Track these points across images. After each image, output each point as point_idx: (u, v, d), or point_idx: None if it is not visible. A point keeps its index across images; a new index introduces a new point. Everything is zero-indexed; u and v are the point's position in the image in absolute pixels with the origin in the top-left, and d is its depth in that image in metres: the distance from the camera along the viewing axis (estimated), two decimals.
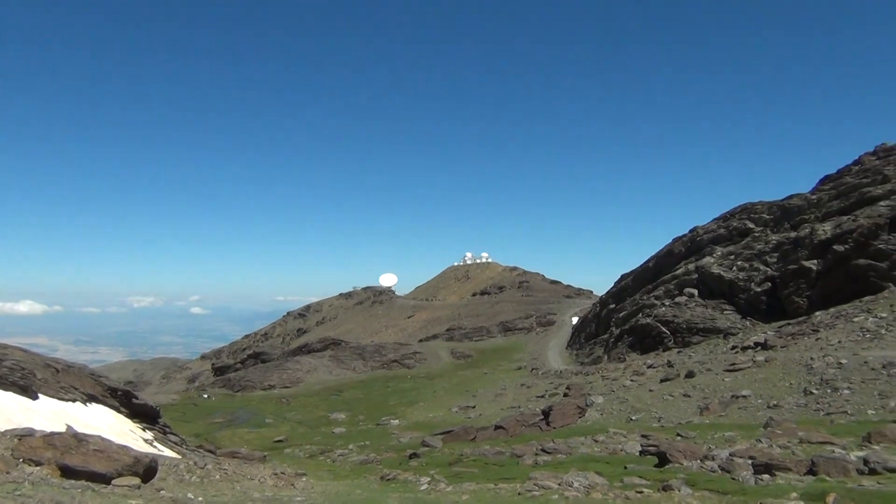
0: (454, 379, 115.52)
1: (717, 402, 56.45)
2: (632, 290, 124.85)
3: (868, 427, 38.29)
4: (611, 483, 26.84)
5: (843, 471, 25.76)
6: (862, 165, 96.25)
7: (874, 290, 74.90)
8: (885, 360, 53.03)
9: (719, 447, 36.80)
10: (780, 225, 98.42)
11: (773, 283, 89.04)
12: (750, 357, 67.53)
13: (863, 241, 76.72)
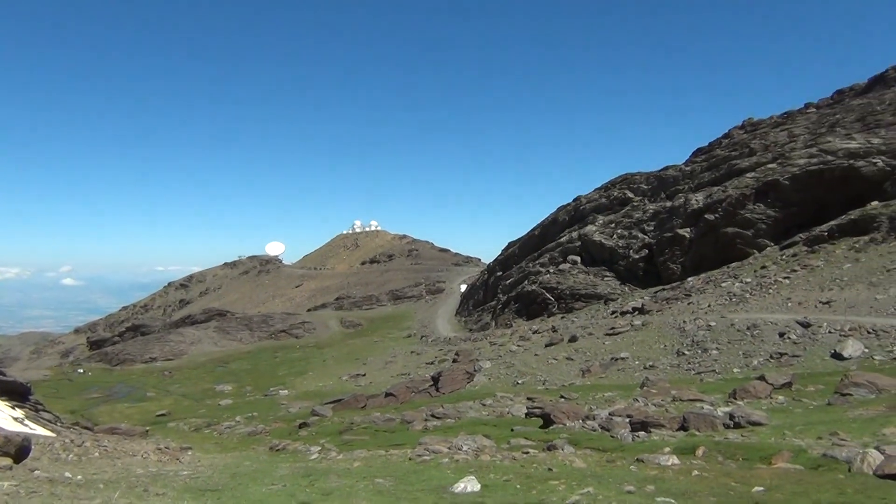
0: (344, 348, 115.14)
1: (598, 365, 59.04)
2: (518, 258, 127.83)
3: (734, 384, 41.10)
4: (498, 445, 27.61)
5: (711, 425, 27.58)
6: (731, 139, 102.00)
7: (741, 257, 79.96)
8: (750, 322, 56.92)
9: (600, 407, 38.55)
10: (657, 195, 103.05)
11: (650, 251, 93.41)
12: (628, 321, 70.84)
13: (731, 211, 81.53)
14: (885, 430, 23.80)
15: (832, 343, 49.07)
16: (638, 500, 13.31)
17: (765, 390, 37.44)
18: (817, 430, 25.25)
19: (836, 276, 62.10)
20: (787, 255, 73.56)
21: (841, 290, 59.21)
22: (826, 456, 19.04)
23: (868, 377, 35.91)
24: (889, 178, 71.37)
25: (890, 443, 20.54)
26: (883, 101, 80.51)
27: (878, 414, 28.22)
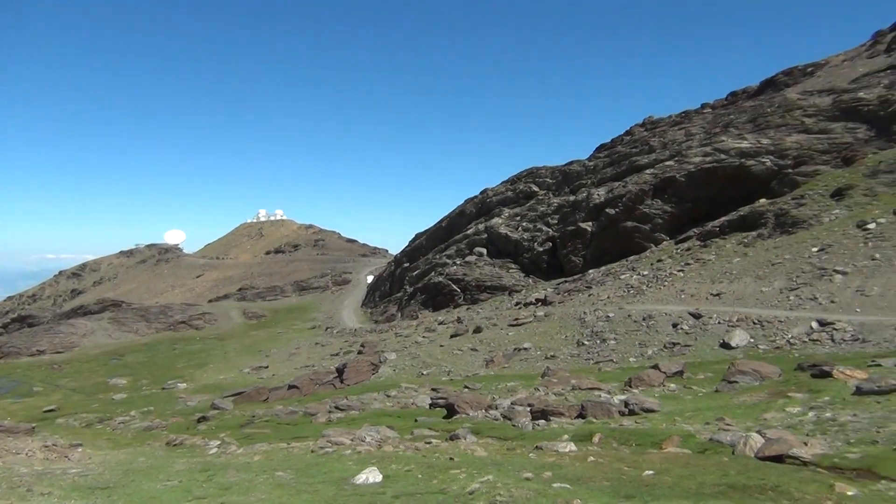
0: (246, 339, 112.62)
1: (502, 355, 59.98)
2: (425, 249, 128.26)
3: (630, 373, 42.57)
4: (402, 436, 27.64)
5: (607, 413, 28.47)
6: (632, 136, 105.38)
7: (639, 250, 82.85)
8: (646, 313, 59.07)
9: (502, 397, 39.18)
10: (561, 189, 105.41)
11: (553, 243, 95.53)
12: (531, 312, 72.26)
13: (631, 206, 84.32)
14: (767, 415, 25.16)
15: (721, 333, 51.51)
16: (535, 486, 13.55)
17: (658, 378, 38.95)
18: (705, 415, 26.45)
19: (726, 270, 65.15)
20: (682, 249, 76.66)
21: (730, 283, 62.15)
22: (712, 440, 19.95)
23: (753, 365, 37.88)
24: (776, 177, 75.38)
25: (770, 427, 21.72)
26: (773, 103, 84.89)
27: (761, 400, 29.81)
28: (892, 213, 59.99)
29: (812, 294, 54.75)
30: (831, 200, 67.95)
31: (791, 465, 15.84)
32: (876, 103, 74.19)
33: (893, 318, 46.62)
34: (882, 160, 68.95)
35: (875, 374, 31.22)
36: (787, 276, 59.00)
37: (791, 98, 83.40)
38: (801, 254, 61.45)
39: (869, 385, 26.72)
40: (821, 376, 33.00)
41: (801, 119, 78.46)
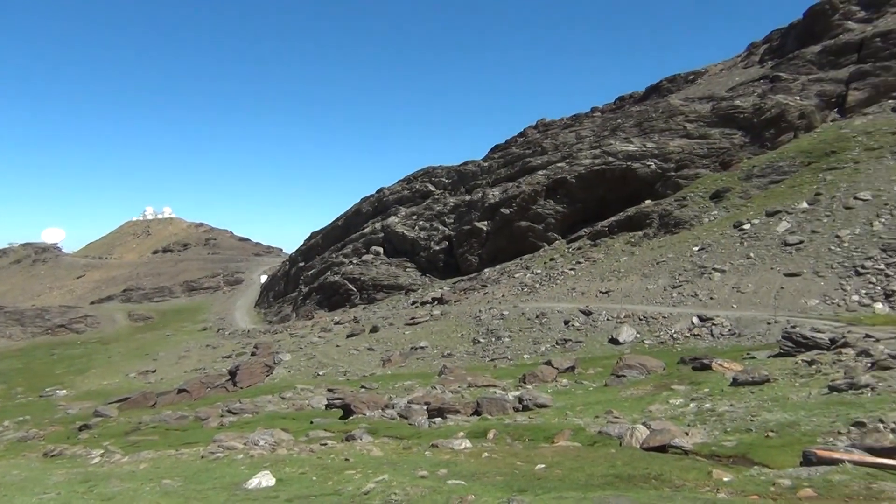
0: (132, 343, 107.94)
1: (399, 354, 60.07)
2: (321, 249, 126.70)
3: (524, 369, 43.58)
4: (296, 438, 27.21)
5: (502, 409, 29.00)
6: (526, 137, 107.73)
7: (532, 249, 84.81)
8: (539, 311, 60.58)
9: (399, 396, 39.22)
10: (457, 188, 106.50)
11: (450, 242, 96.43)
12: (428, 311, 72.73)
13: (524, 206, 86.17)
14: (652, 407, 26.30)
15: (610, 329, 53.50)
16: (430, 483, 13.66)
17: (551, 374, 40.04)
18: (595, 409, 27.38)
19: (615, 268, 67.66)
20: (573, 248, 79.01)
21: (618, 281, 64.59)
22: (601, 433, 20.68)
23: (639, 359, 39.52)
24: (660, 179, 78.88)
25: (655, 418, 22.72)
26: (657, 108, 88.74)
27: (647, 393, 31.14)
28: (765, 215, 63.94)
29: (693, 291, 57.63)
30: (710, 202, 71.74)
31: (674, 455, 16.61)
32: (750, 111, 78.86)
33: (766, 313, 49.72)
34: (755, 164, 73.39)
35: (749, 366, 33.19)
36: (671, 274, 61.88)
37: (674, 104, 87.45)
38: (683, 253, 64.59)
39: (744, 377, 28.38)
40: (701, 369, 34.80)
41: (684, 124, 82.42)
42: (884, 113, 71.49)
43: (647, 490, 12.32)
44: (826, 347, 33.04)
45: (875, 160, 63.40)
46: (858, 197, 59.55)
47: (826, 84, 79.36)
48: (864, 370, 25.16)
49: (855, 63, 79.66)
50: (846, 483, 11.23)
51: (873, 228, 55.10)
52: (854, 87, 76.06)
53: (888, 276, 49.95)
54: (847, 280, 51.61)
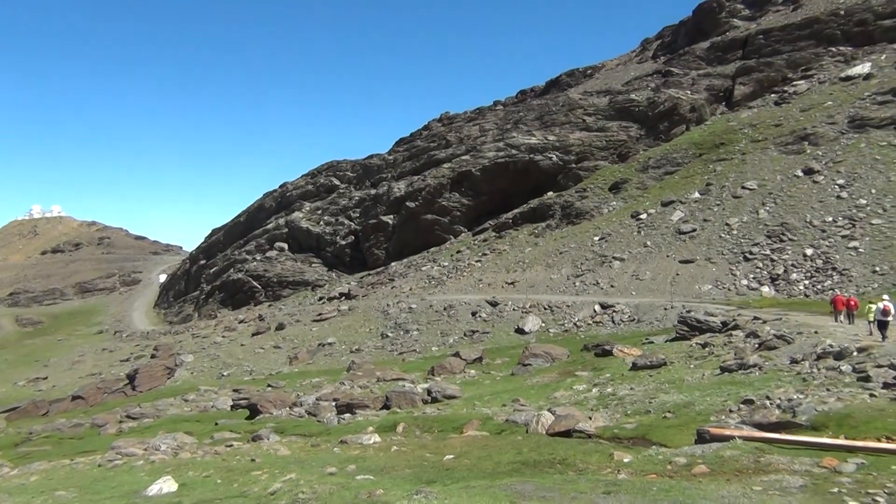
0: (21, 349, 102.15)
1: (306, 351, 59.28)
2: (223, 246, 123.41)
3: (432, 362, 43.85)
4: (200, 441, 26.48)
5: (411, 402, 29.11)
6: (430, 131, 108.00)
7: (439, 242, 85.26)
8: (446, 303, 61.02)
9: (307, 393, 38.75)
10: (362, 182, 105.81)
11: (356, 237, 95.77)
12: (335, 307, 72.06)
13: (430, 199, 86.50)
14: (557, 394, 27.00)
15: (516, 319, 54.49)
16: (339, 480, 13.55)
17: (459, 366, 40.49)
18: (502, 398, 27.88)
19: (520, 259, 68.89)
20: (479, 240, 79.93)
21: (523, 272, 65.81)
22: (508, 421, 21.05)
23: (544, 348, 40.48)
24: (562, 171, 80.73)
25: (560, 404, 23.33)
26: (557, 102, 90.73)
27: (552, 380, 31.96)
28: (661, 205, 66.51)
29: (595, 279, 59.39)
30: (609, 193, 74.03)
31: (578, 439, 17.08)
32: (645, 104, 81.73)
33: (662, 299, 51.79)
34: (651, 156, 76.18)
35: (648, 350, 34.54)
36: (573, 264, 63.54)
37: (573, 98, 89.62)
38: (584, 243, 66.41)
39: (643, 361, 29.53)
40: (603, 355, 36.01)
41: (583, 117, 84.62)
42: (767, 106, 75.47)
43: (552, 475, 12.61)
44: (718, 330, 34.74)
45: (760, 151, 66.90)
46: (745, 186, 62.74)
47: (714, 79, 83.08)
48: (753, 351, 26.60)
49: (740, 59, 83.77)
50: (737, 458, 11.83)
51: (759, 216, 58.19)
52: (740, 81, 79.95)
53: (773, 262, 52.90)
54: (736, 266, 54.35)
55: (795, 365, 21.99)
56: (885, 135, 60.89)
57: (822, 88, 72.85)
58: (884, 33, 75.14)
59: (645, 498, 9.49)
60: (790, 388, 18.56)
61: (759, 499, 9.32)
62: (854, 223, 52.81)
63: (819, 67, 76.38)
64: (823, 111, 68.05)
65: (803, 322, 32.57)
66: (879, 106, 64.42)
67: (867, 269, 47.99)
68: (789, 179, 61.22)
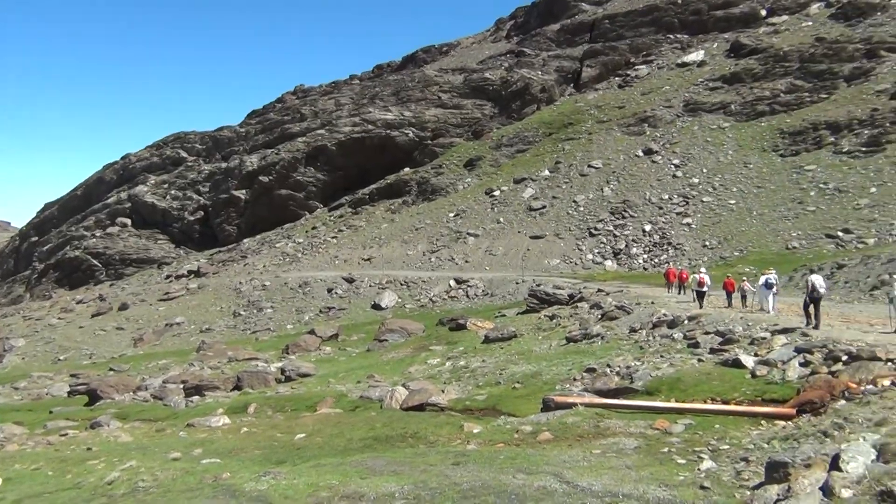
0: None
1: (152, 332, 56.48)
2: (58, 221, 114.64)
3: (287, 340, 43.03)
4: (31, 431, 24.62)
5: (264, 382, 28.43)
6: (284, 103, 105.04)
7: (293, 218, 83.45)
8: (301, 280, 59.99)
9: (153, 376, 36.95)
10: (211, 155, 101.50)
11: (206, 212, 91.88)
12: (184, 285, 68.99)
13: (284, 173, 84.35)
14: (411, 369, 27.27)
15: (372, 295, 54.48)
16: (183, 465, 12.98)
17: (314, 343, 39.97)
18: (357, 374, 27.81)
19: (376, 235, 68.78)
20: (335, 216, 79.01)
21: (380, 248, 65.79)
22: (363, 397, 21.02)
23: (400, 323, 40.74)
24: (418, 147, 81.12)
25: (414, 379, 23.56)
26: (414, 78, 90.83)
27: (407, 355, 32.23)
28: (513, 182, 68.39)
29: (450, 255, 60.36)
30: (464, 170, 75.24)
31: (431, 412, 17.31)
32: (499, 83, 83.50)
33: (514, 273, 53.46)
34: (504, 134, 78.06)
35: (500, 323, 35.59)
36: (429, 240, 64.24)
37: (429, 74, 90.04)
38: (440, 219, 67.24)
39: (495, 334, 30.36)
40: (457, 329, 36.69)
41: (439, 94, 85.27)
42: (612, 89, 79.25)
43: (403, 449, 12.70)
44: (565, 303, 36.30)
45: (605, 132, 70.23)
46: (591, 165, 65.72)
47: (564, 61, 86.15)
48: (596, 321, 28.01)
49: (588, 42, 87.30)
50: (578, 424, 12.39)
51: (604, 194, 61.21)
52: (587, 64, 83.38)
53: (616, 237, 55.90)
54: (583, 241, 56.96)
55: (634, 334, 23.34)
56: (716, 118, 65.68)
57: (661, 73, 77.40)
58: (716, 23, 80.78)
59: (492, 467, 9.71)
60: (629, 355, 19.68)
61: (598, 461, 9.79)
62: (687, 201, 56.73)
63: (658, 53, 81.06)
64: (661, 95, 72.36)
65: (642, 293, 34.64)
66: (711, 92, 69.34)
67: (698, 243, 51.77)
68: (631, 159, 64.76)
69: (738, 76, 69.00)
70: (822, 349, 14.28)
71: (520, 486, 8.49)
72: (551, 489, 8.36)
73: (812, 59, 65.47)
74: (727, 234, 51.30)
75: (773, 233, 49.60)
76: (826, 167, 54.07)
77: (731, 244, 50.15)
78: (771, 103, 63.95)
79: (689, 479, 8.55)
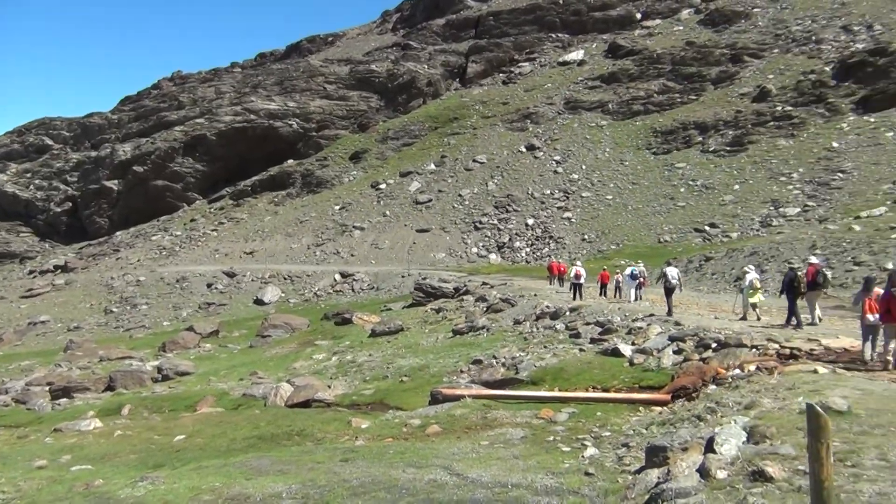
0: None
1: (13, 331, 52.70)
2: None
3: (164, 338, 41.20)
4: None
5: (139, 382, 27.07)
6: (161, 90, 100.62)
7: (171, 210, 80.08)
8: (179, 275, 57.64)
9: (14, 378, 34.47)
10: (80, 143, 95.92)
11: (74, 203, 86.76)
12: (49, 281, 64.80)
13: (160, 163, 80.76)
14: (296, 364, 26.73)
15: (255, 290, 53.05)
16: (50, 474, 12.12)
17: (193, 340, 38.49)
18: (240, 371, 26.99)
19: (259, 228, 67.05)
20: (215, 208, 76.44)
21: (263, 241, 64.19)
22: (246, 395, 20.40)
23: (284, 318, 39.89)
24: (302, 138, 79.66)
25: (299, 375, 23.09)
26: (298, 68, 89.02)
27: (292, 350, 31.60)
28: (399, 175, 68.36)
29: (335, 249, 59.67)
30: (350, 163, 74.55)
31: (317, 409, 17.01)
32: (385, 76, 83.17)
33: (400, 267, 53.47)
34: (390, 127, 77.88)
35: (386, 317, 35.51)
36: (314, 233, 63.25)
37: (314, 65, 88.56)
38: (325, 212, 66.33)
39: (381, 327, 30.26)
40: (343, 323, 36.31)
41: (324, 85, 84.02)
42: (496, 85, 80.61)
43: (289, 447, 12.39)
44: (451, 296, 36.65)
45: (489, 127, 71.36)
46: (476, 160, 66.64)
47: (450, 55, 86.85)
48: (482, 314, 28.41)
49: (473, 38, 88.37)
50: (466, 416, 12.49)
51: (488, 188, 62.21)
52: (472, 59, 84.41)
53: (500, 230, 56.96)
54: (468, 234, 57.70)
55: (518, 325, 23.83)
56: (594, 116, 68.09)
57: (543, 71, 79.46)
58: (595, 24, 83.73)
59: (381, 462, 9.62)
60: (514, 347, 20.06)
61: (487, 453, 9.88)
62: (568, 196, 58.54)
63: (541, 51, 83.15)
64: (543, 92, 74.29)
65: (525, 286, 35.45)
66: (590, 90, 71.82)
67: (578, 237, 53.55)
68: (514, 154, 66.12)
69: (615, 76, 71.78)
70: (693, 337, 15.06)
71: (410, 481, 8.44)
72: (442, 482, 8.35)
73: (683, 62, 69.02)
74: (604, 229, 53.33)
75: (647, 227, 51.97)
76: (695, 165, 57.14)
77: (608, 238, 52.17)
78: (645, 103, 66.95)
79: (574, 467, 8.77)
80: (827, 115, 56.00)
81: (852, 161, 49.77)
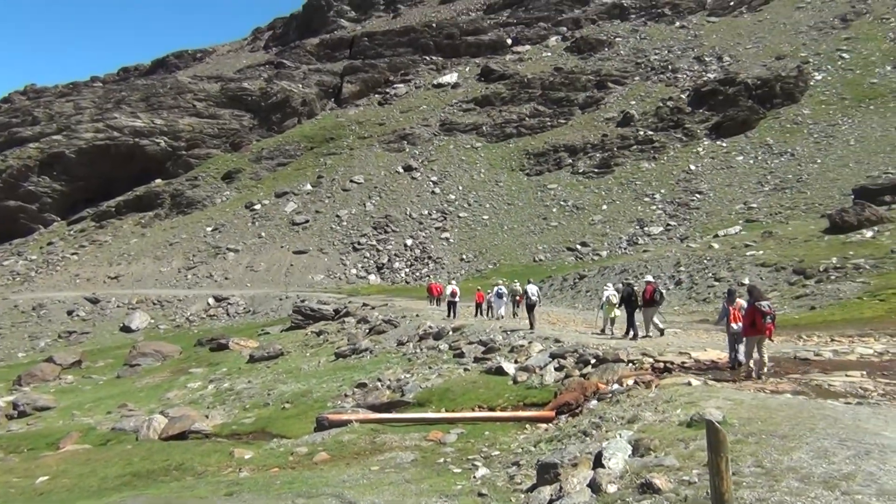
0: None
1: None
2: None
3: (19, 370, 38.24)
4: None
5: None
6: (12, 104, 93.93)
7: (25, 233, 74.64)
8: (36, 302, 53.80)
9: None
10: None
11: None
12: None
13: (13, 182, 75.26)
14: (170, 394, 25.49)
15: (121, 317, 50.29)
16: None
17: (53, 372, 35.96)
18: (107, 404, 25.42)
19: (125, 251, 63.75)
20: (76, 230, 72.03)
21: (129, 265, 61.05)
22: (115, 429, 19.21)
23: (154, 346, 38.02)
24: (171, 157, 76.56)
25: (174, 405, 22.02)
26: (165, 84, 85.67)
27: (164, 379, 30.12)
28: (274, 196, 67.01)
29: (208, 272, 57.60)
30: (222, 182, 72.34)
31: (195, 440, 16.26)
32: (258, 94, 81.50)
33: (277, 290, 52.27)
34: (265, 147, 76.28)
35: (264, 341, 34.57)
36: (185, 256, 60.81)
37: (183, 81, 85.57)
38: (196, 233, 63.95)
39: (260, 353, 29.41)
40: (219, 349, 35.01)
41: (193, 102, 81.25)
42: (372, 106, 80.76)
43: (168, 483, 11.77)
44: (332, 318, 36.17)
45: (366, 147, 71.33)
46: (354, 180, 66.37)
47: (324, 75, 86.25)
48: (364, 336, 28.19)
49: (348, 58, 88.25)
50: (354, 441, 12.32)
51: (366, 209, 62.06)
52: (348, 80, 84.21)
53: (379, 251, 56.90)
54: (346, 255, 57.26)
55: (402, 347, 23.81)
56: (469, 138, 69.51)
57: (419, 93, 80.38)
58: (467, 48, 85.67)
59: (269, 494, 9.32)
60: (398, 368, 20.02)
61: (378, 478, 9.78)
62: (445, 216, 59.32)
63: (416, 73, 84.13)
64: (419, 114, 75.13)
65: (406, 307, 35.51)
66: (464, 112, 73.29)
67: (456, 257, 54.32)
68: (392, 175, 66.38)
69: (488, 99, 73.66)
70: (573, 354, 15.57)
71: None
72: None
73: (552, 87, 71.82)
74: (482, 248, 54.40)
75: (523, 246, 53.46)
76: (565, 186, 59.42)
77: (485, 257, 53.24)
78: (517, 126, 69.07)
79: (466, 488, 8.83)
80: (684, 139, 59.85)
81: (708, 183, 53.38)
